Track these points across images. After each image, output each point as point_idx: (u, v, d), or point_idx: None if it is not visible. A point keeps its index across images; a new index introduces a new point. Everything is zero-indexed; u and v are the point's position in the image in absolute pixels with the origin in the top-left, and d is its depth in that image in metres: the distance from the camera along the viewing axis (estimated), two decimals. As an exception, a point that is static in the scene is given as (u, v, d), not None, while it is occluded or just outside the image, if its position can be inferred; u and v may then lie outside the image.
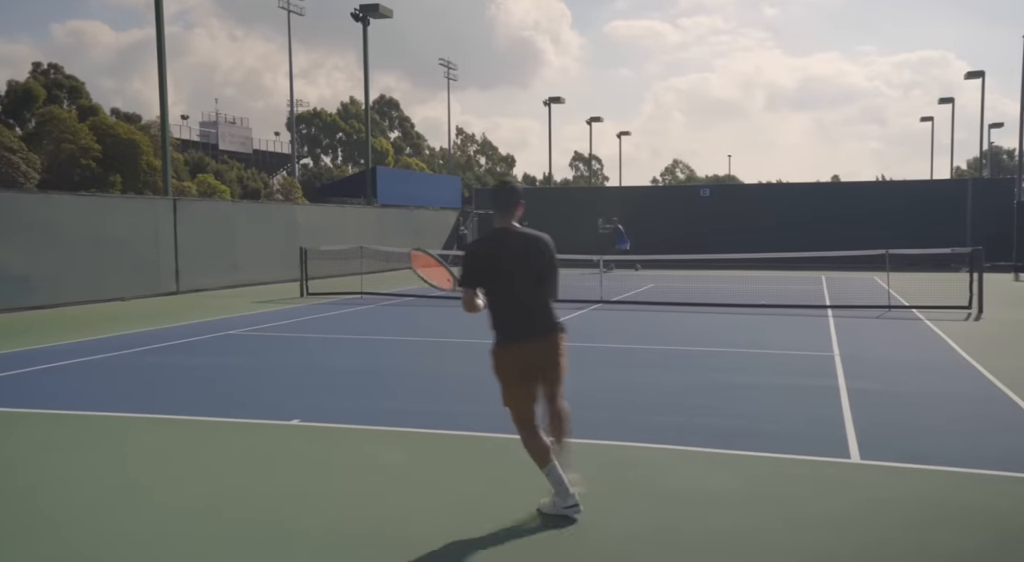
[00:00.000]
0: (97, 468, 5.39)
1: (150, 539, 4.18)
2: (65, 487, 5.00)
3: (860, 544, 4.11)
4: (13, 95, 41.40)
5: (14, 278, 14.92)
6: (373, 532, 4.26)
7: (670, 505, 4.62)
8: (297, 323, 13.29)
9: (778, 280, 21.45)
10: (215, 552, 4.04)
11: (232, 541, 4.17)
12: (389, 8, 31.39)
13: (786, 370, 8.84)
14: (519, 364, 4.49)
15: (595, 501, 4.68)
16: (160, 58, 21.03)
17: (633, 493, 4.83)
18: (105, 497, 4.82)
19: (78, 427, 6.51)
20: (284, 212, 24.44)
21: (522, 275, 4.54)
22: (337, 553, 4.02)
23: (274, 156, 66.73)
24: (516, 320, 4.53)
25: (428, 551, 4.01)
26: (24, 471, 5.38)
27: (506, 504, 4.67)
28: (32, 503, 4.71)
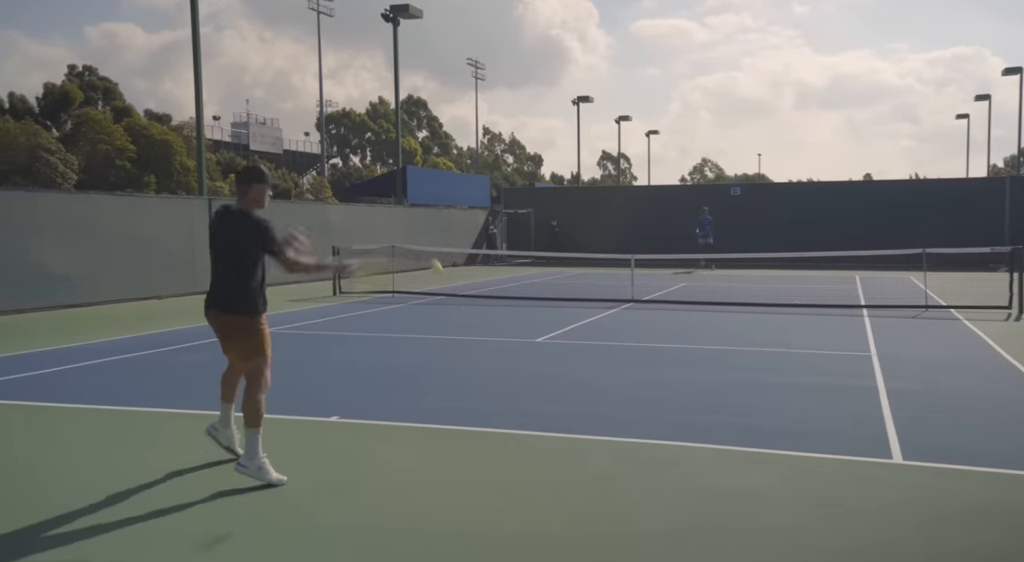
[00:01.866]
0: (138, 462, 5.49)
1: (197, 533, 4.25)
2: (106, 481, 5.10)
3: (904, 545, 4.07)
4: (50, 97, 42.21)
5: (55, 277, 15.21)
6: (411, 527, 4.29)
7: (712, 504, 4.60)
8: (331, 321, 13.41)
9: (811, 280, 21.23)
10: (260, 546, 4.10)
11: (274, 533, 4.23)
12: (419, 8, 31.53)
13: (822, 370, 8.76)
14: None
15: (638, 499, 4.69)
16: (196, 62, 21.31)
17: (675, 492, 4.82)
18: (147, 491, 4.91)
19: (118, 422, 6.63)
20: (316, 212, 24.65)
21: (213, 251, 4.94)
22: (379, 546, 4.06)
23: (304, 156, 67.36)
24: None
25: (466, 545, 4.04)
26: (65, 465, 5.49)
27: (542, 500, 4.68)
28: (75, 496, 4.81)
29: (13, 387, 8.02)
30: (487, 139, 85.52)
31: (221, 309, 4.93)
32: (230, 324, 4.93)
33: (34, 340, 11.14)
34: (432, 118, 79.09)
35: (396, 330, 12.51)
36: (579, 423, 6.43)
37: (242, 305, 4.87)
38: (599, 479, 5.08)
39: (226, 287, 4.88)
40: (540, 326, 12.26)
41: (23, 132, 32.57)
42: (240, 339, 4.93)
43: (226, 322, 4.94)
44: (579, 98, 59.23)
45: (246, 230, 4.81)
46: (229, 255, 4.85)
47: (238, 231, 4.83)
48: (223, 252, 4.89)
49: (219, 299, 4.92)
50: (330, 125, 67.42)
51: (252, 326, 4.92)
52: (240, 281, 4.85)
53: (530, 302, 16.36)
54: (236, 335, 4.94)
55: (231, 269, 4.85)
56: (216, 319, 4.97)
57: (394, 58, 31.87)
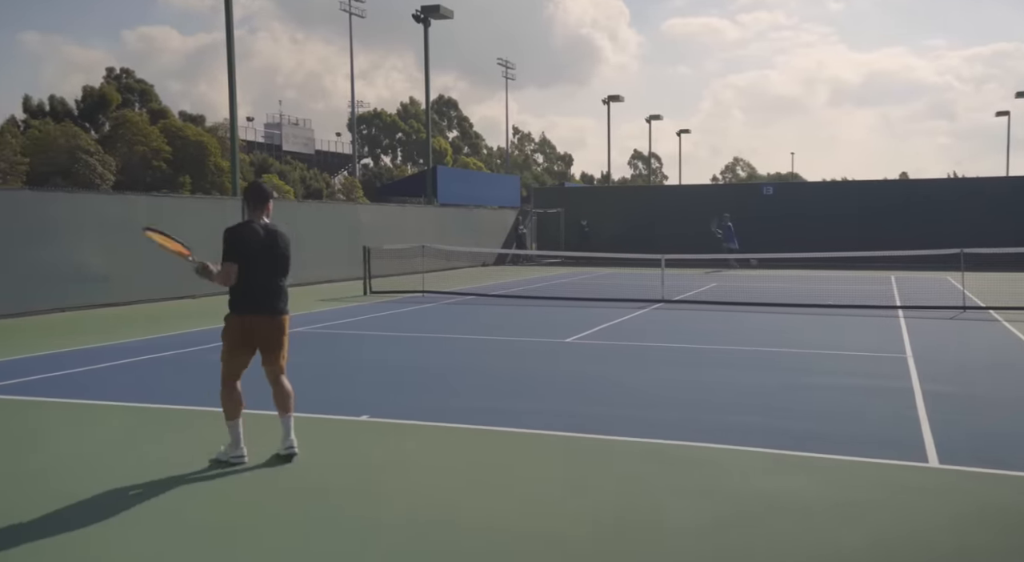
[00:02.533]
0: (171, 458, 5.57)
1: (231, 529, 4.31)
2: (139, 477, 5.19)
3: (938, 549, 4.00)
4: (89, 100, 42.97)
5: (94, 277, 15.50)
6: (442, 524, 4.31)
7: (745, 506, 4.56)
8: (362, 321, 13.51)
9: (845, 280, 20.95)
10: (295, 541, 4.14)
11: (305, 530, 4.27)
12: (450, 9, 31.64)
13: (857, 371, 8.64)
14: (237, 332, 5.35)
15: (668, 501, 4.66)
16: (230, 65, 21.59)
17: (707, 494, 4.78)
18: (182, 488, 4.99)
19: (153, 420, 6.74)
20: (347, 211, 24.85)
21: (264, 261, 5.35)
22: (409, 542, 4.08)
23: (335, 156, 67.91)
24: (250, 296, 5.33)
25: (498, 542, 4.04)
26: (105, 460, 5.59)
27: (573, 499, 4.68)
28: (109, 490, 4.90)
29: (53, 384, 8.19)
30: (517, 139, 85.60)
31: (273, 312, 5.38)
32: (282, 325, 5.44)
33: (74, 338, 11.37)
34: (462, 118, 79.28)
35: (426, 330, 12.57)
36: (610, 424, 6.41)
37: (287, 307, 5.50)
38: (629, 480, 5.06)
39: (280, 293, 5.44)
40: (570, 326, 12.24)
41: (63, 134, 33.23)
42: (284, 335, 5.48)
43: (279, 323, 5.41)
44: (610, 97, 59.08)
45: (287, 243, 5.50)
46: (284, 265, 5.47)
47: (287, 244, 5.50)
48: (280, 263, 5.44)
49: (273, 304, 5.39)
50: (361, 125, 67.90)
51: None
52: (284, 287, 5.50)
53: (560, 302, 16.34)
54: (282, 333, 5.47)
55: (283, 277, 5.47)
56: (271, 319, 5.37)
57: (424, 58, 32.03)
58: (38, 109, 41.40)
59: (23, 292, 14.19)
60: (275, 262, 5.35)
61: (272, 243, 5.35)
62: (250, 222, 5.39)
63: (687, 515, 4.45)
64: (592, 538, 4.16)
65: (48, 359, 9.70)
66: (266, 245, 5.33)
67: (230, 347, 5.38)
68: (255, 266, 5.28)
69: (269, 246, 5.34)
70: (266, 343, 5.36)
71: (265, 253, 5.32)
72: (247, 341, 5.36)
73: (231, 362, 5.39)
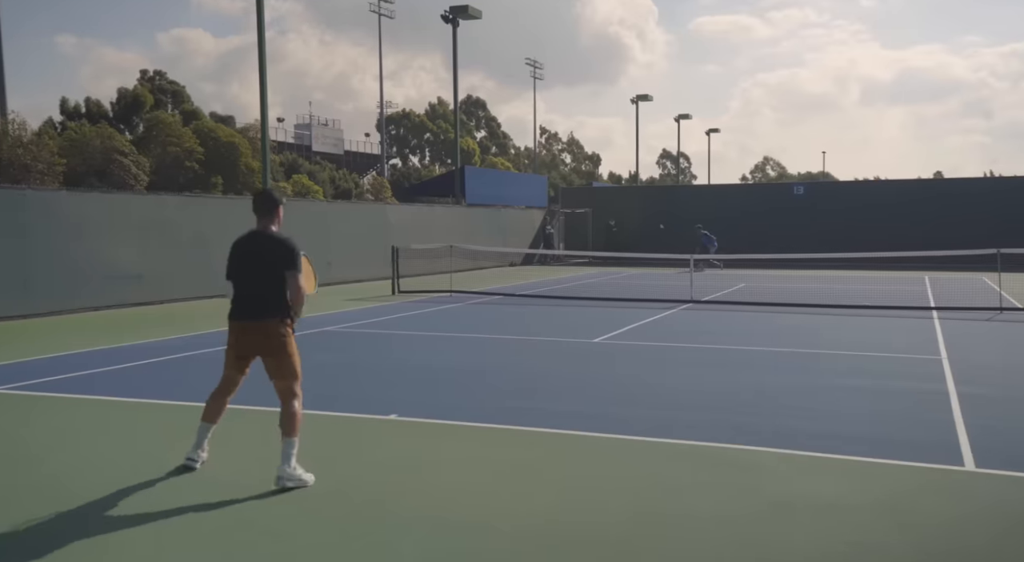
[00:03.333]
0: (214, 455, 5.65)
1: (266, 526, 4.35)
2: (175, 475, 5.26)
3: (974, 554, 3.93)
4: (123, 101, 43.67)
5: (128, 276, 15.75)
6: (471, 523, 4.31)
7: (779, 510, 4.51)
8: (390, 320, 13.58)
9: (877, 280, 20.65)
10: (325, 538, 4.17)
11: (335, 529, 4.30)
12: (478, 9, 31.69)
13: (890, 373, 8.52)
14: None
15: (698, 503, 4.63)
16: (261, 67, 21.80)
17: (741, 498, 4.74)
18: (213, 486, 5.04)
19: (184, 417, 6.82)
20: (376, 211, 25.00)
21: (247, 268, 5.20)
22: (443, 542, 4.09)
23: (364, 157, 68.30)
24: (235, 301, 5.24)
25: (531, 541, 4.04)
26: (142, 455, 5.68)
27: (602, 500, 4.66)
28: (146, 489, 4.97)
29: (89, 382, 8.33)
30: (544, 139, 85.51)
31: (256, 317, 5.17)
32: (269, 331, 5.17)
33: (109, 336, 11.56)
34: (490, 118, 79.34)
35: (454, 329, 12.60)
36: (639, 424, 6.38)
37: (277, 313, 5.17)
38: (659, 481, 5.03)
39: (264, 299, 5.16)
40: (598, 326, 12.21)
41: (98, 135, 33.78)
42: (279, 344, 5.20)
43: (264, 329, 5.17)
44: (638, 97, 58.82)
45: (284, 252, 5.15)
46: (269, 273, 5.14)
47: (279, 252, 5.15)
48: (265, 270, 5.15)
49: (256, 310, 5.17)
50: (390, 126, 68.26)
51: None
52: (279, 293, 5.15)
53: (588, 302, 16.30)
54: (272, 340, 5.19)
55: (271, 284, 5.15)
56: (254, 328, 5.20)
57: (453, 59, 32.11)
58: (74, 111, 42.13)
59: (60, 291, 14.45)
60: (259, 269, 5.14)
61: (257, 250, 5.18)
62: (248, 232, 5.32)
63: (720, 516, 4.41)
64: (623, 538, 4.14)
65: (83, 357, 9.86)
66: (249, 252, 5.21)
67: (226, 355, 5.39)
68: (237, 273, 5.23)
69: (254, 253, 5.19)
70: (258, 350, 5.20)
71: (247, 260, 5.20)
72: (237, 349, 5.29)
73: (225, 370, 5.40)
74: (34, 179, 27.73)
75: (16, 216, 13.95)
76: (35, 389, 7.93)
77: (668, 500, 4.69)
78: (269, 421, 6.57)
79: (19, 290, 13.86)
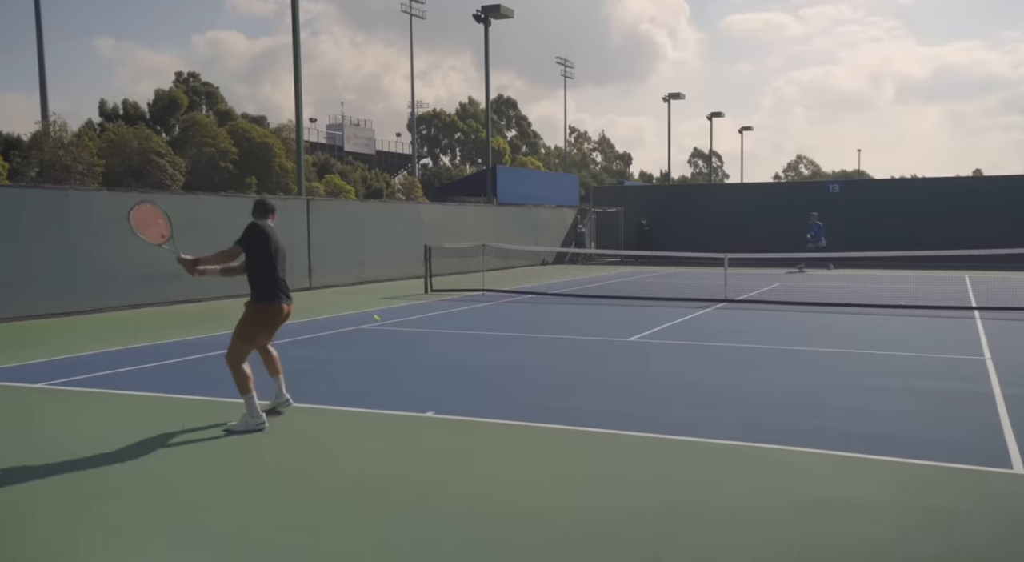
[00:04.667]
0: (250, 452, 5.72)
1: (304, 522, 4.40)
2: (213, 471, 5.33)
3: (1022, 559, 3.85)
4: (160, 103, 44.40)
5: (166, 276, 15.99)
6: (508, 520, 4.32)
7: (815, 511, 4.46)
8: (423, 319, 13.63)
9: (916, 280, 20.31)
10: (362, 534, 4.21)
11: (372, 524, 4.33)
12: (510, 8, 31.70)
13: (931, 374, 8.37)
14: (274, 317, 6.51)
15: (734, 504, 4.59)
16: (296, 68, 22.03)
17: (776, 498, 4.69)
18: (257, 481, 5.11)
19: (225, 413, 6.91)
20: (408, 211, 25.12)
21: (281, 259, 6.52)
22: (479, 536, 4.10)
23: (395, 156, 68.74)
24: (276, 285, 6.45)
25: (565, 536, 4.03)
26: (181, 454, 5.77)
27: (640, 500, 4.64)
28: (192, 485, 5.05)
29: (127, 378, 8.48)
30: (574, 138, 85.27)
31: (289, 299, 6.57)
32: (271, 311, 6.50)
33: (150, 333, 11.76)
34: (521, 117, 79.32)
35: (487, 328, 12.62)
36: (674, 423, 6.34)
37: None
38: (695, 480, 4.99)
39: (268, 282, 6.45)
40: (631, 325, 12.15)
41: (135, 136, 34.38)
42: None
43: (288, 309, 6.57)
44: (670, 95, 58.49)
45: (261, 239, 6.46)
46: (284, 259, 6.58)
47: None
48: (283, 258, 6.56)
49: (287, 292, 6.54)
50: (420, 126, 68.55)
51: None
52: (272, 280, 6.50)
53: (620, 301, 16.23)
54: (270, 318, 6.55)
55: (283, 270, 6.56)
56: (286, 308, 6.53)
57: (484, 58, 32.16)
58: (113, 112, 42.92)
59: (101, 289, 14.72)
60: (285, 259, 6.55)
61: (280, 240, 6.53)
62: (269, 226, 6.51)
63: (752, 515, 4.37)
64: (655, 536, 4.12)
65: (124, 354, 10.04)
66: (280, 246, 6.52)
67: (261, 329, 6.45)
68: (275, 261, 6.42)
69: (281, 243, 6.53)
70: (277, 325, 6.59)
71: (281, 252, 6.50)
72: (277, 326, 6.57)
73: (257, 342, 6.49)
74: (75, 180, 28.30)
75: (59, 216, 14.24)
76: (82, 385, 8.09)
77: (701, 499, 4.65)
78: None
79: (63, 288, 14.15)
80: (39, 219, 13.92)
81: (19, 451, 5.80)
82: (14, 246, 13.49)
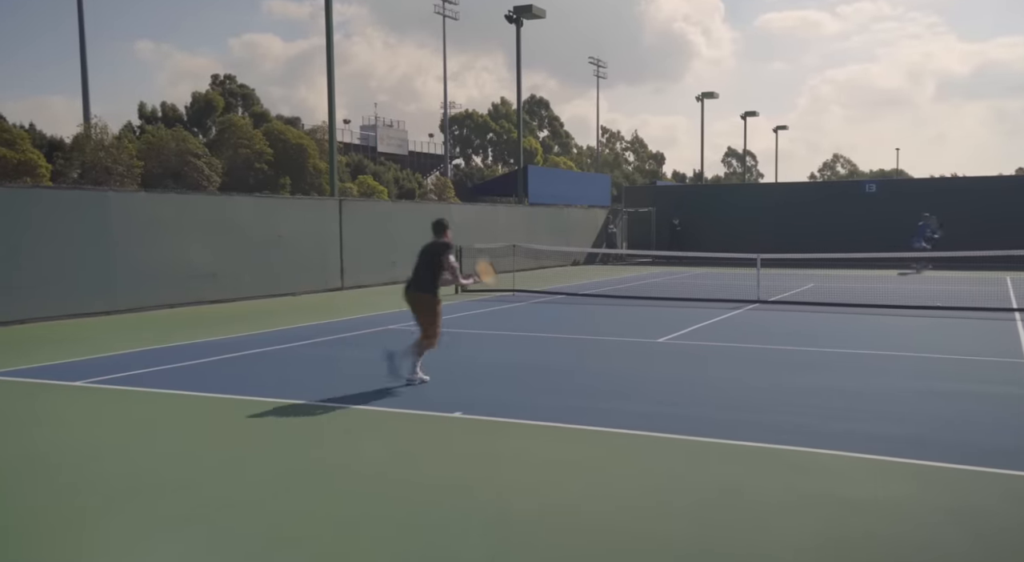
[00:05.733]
0: (281, 450, 5.79)
1: (333, 519, 4.44)
2: (245, 469, 5.41)
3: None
4: (197, 105, 45.08)
5: (202, 274, 16.26)
6: (535, 521, 4.32)
7: (852, 514, 4.40)
8: (454, 319, 13.67)
9: (955, 280, 19.93)
10: (390, 532, 4.24)
11: (397, 523, 4.36)
12: (542, 8, 31.67)
13: (970, 377, 8.21)
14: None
15: (765, 507, 4.55)
16: (329, 70, 22.24)
17: (812, 501, 4.63)
18: (288, 479, 5.17)
19: (256, 411, 7.01)
20: (440, 211, 25.18)
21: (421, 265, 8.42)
22: (504, 535, 4.11)
23: (428, 157, 69.02)
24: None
25: (591, 536, 4.02)
26: (216, 451, 5.86)
27: (668, 501, 4.61)
28: (226, 479, 5.12)
29: (161, 377, 8.63)
30: (606, 138, 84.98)
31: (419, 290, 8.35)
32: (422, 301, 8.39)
33: (185, 333, 11.95)
34: (553, 117, 79.22)
35: (517, 328, 12.63)
36: (705, 425, 6.30)
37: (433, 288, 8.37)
38: (728, 484, 4.95)
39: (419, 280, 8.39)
40: (662, 326, 12.08)
41: (173, 138, 34.97)
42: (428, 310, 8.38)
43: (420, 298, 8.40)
44: (704, 94, 58.00)
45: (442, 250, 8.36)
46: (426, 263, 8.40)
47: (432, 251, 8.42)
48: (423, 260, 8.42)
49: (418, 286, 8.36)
50: (453, 126, 68.78)
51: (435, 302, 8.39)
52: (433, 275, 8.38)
53: (651, 302, 16.14)
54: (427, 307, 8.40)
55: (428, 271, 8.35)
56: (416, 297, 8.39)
57: (516, 58, 32.18)
58: (151, 115, 43.67)
59: (140, 288, 15.00)
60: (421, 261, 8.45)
61: (422, 251, 8.45)
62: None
63: (790, 523, 4.32)
64: (685, 537, 4.09)
65: (160, 353, 10.21)
66: (419, 252, 8.48)
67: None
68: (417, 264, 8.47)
69: (420, 253, 8.47)
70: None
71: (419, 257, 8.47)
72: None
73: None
74: (115, 181, 28.86)
75: (99, 217, 14.53)
76: (118, 383, 8.25)
77: (728, 500, 4.61)
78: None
79: (103, 287, 14.44)
80: (79, 220, 14.22)
81: (54, 448, 5.93)
82: (55, 246, 13.79)
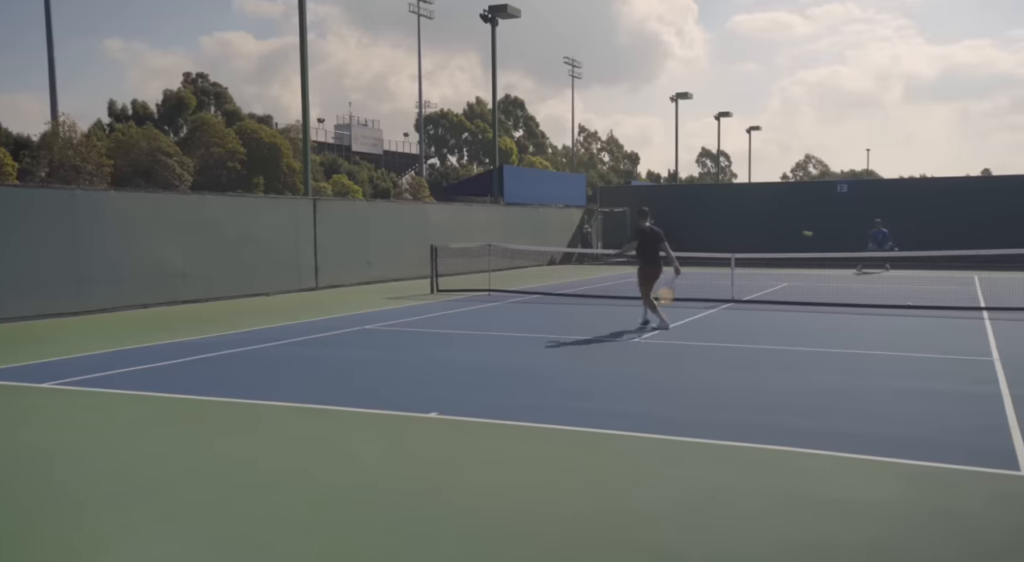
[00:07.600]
0: (255, 453, 5.72)
1: (306, 523, 4.39)
2: (222, 470, 5.33)
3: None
4: (168, 103, 44.51)
5: (173, 274, 16.05)
6: (516, 520, 4.29)
7: (826, 514, 4.43)
8: (429, 319, 13.63)
9: (924, 280, 20.21)
10: (365, 535, 4.19)
11: (381, 520, 4.32)
12: (517, 8, 31.67)
13: (939, 375, 8.32)
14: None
15: (744, 508, 4.56)
16: (303, 69, 22.06)
17: (787, 501, 4.66)
18: (260, 482, 5.10)
19: (233, 414, 6.92)
20: (415, 211, 25.12)
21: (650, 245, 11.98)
22: (480, 539, 4.08)
23: (403, 156, 68.73)
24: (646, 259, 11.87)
25: (569, 539, 4.01)
26: (187, 454, 5.77)
27: (648, 502, 4.61)
28: (195, 484, 5.05)
29: (131, 378, 8.49)
30: (582, 137, 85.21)
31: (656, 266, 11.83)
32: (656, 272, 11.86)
33: (156, 333, 11.78)
34: (528, 117, 79.24)
35: (493, 328, 12.61)
36: (679, 425, 6.31)
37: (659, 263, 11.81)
38: (702, 483, 4.96)
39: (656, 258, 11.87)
40: (636, 325, 12.11)
41: (144, 136, 34.47)
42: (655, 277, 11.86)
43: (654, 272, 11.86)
44: (677, 95, 58.35)
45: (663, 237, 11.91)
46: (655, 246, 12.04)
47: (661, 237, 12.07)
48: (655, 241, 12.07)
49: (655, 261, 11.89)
50: (428, 126, 68.57)
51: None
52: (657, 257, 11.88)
53: (626, 301, 16.17)
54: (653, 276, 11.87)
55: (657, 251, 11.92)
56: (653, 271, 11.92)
57: (492, 58, 32.14)
58: (121, 113, 43.06)
59: (110, 289, 14.76)
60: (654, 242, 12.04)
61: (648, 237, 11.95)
62: (644, 225, 12.08)
63: (768, 524, 4.34)
64: (665, 541, 4.09)
65: (131, 354, 10.06)
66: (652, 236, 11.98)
67: (645, 280, 11.94)
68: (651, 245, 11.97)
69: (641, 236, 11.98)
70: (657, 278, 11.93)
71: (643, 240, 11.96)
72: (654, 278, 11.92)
73: (644, 287, 11.96)
74: (84, 180, 28.40)
75: (68, 216, 14.28)
76: (87, 384, 8.11)
77: (709, 501, 4.62)
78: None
79: (72, 288, 14.20)
80: (48, 219, 13.97)
81: (21, 452, 5.81)
82: (23, 246, 13.54)
